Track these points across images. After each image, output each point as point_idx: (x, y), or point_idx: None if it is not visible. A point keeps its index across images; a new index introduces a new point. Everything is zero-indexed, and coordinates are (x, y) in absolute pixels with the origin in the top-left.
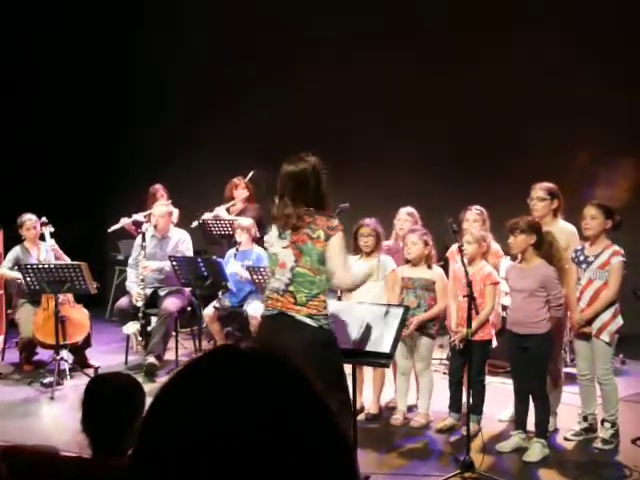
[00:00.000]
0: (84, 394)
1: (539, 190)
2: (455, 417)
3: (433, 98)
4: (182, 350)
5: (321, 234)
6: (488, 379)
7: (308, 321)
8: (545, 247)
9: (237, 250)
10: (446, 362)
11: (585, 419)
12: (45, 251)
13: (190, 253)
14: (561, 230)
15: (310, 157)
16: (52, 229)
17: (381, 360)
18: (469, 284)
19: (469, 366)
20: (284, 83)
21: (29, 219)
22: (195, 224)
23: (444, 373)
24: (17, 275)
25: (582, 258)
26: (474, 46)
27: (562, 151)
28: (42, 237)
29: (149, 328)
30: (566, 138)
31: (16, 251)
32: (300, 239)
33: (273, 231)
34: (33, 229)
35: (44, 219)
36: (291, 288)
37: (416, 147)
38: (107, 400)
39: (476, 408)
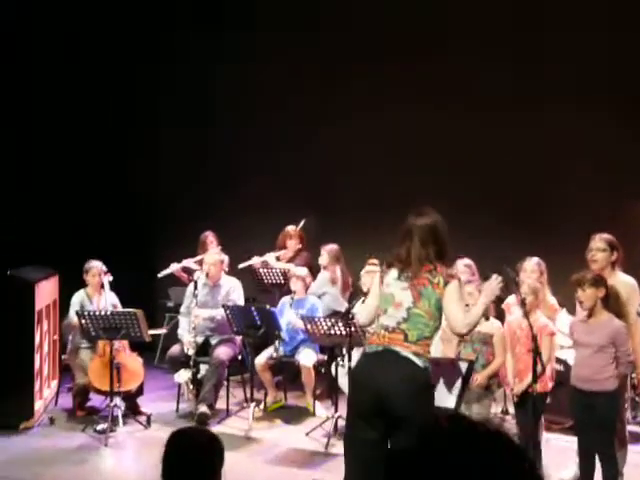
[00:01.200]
0: (165, 448)
1: (599, 241)
2: None
3: (489, 145)
4: (232, 399)
5: (440, 280)
6: (545, 436)
7: (415, 359)
8: (611, 302)
9: (292, 299)
10: (501, 416)
11: None
12: (105, 300)
13: (241, 301)
14: (621, 283)
15: (434, 212)
16: (111, 278)
17: None
18: (534, 338)
19: (528, 420)
20: (336, 130)
21: (96, 266)
22: (243, 265)
23: None
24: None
25: None
26: (504, 91)
27: (619, 202)
28: (102, 286)
29: (199, 376)
30: (622, 187)
31: (80, 296)
32: (420, 282)
33: (392, 273)
34: (98, 276)
35: (105, 268)
36: (403, 326)
37: (470, 196)
38: (189, 455)
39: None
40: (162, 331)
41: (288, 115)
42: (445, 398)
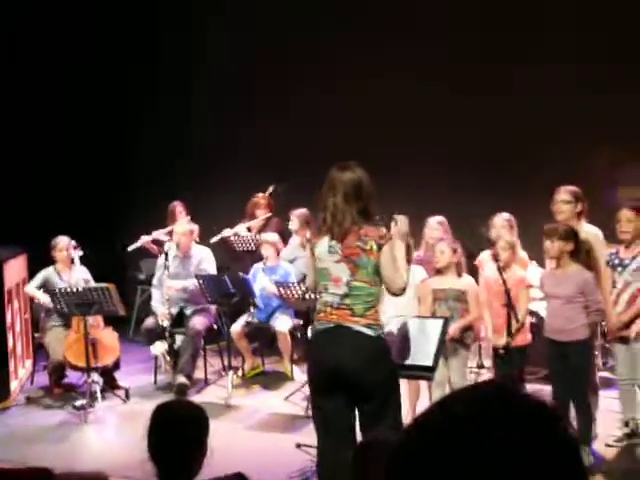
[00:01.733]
0: (151, 422)
1: (563, 193)
2: None
3: (460, 105)
4: (210, 368)
5: (373, 245)
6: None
7: (367, 331)
8: (582, 254)
9: (265, 265)
10: (476, 370)
11: (627, 424)
12: (75, 275)
13: (213, 270)
14: (586, 233)
15: (359, 167)
16: (81, 253)
17: (424, 373)
18: (507, 292)
19: (509, 374)
20: (307, 94)
21: (62, 241)
22: (215, 239)
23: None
24: (40, 296)
25: (617, 261)
26: (499, 51)
27: (584, 154)
28: (72, 260)
29: (176, 347)
30: (587, 141)
31: (48, 272)
32: (353, 253)
33: (321, 245)
34: (66, 251)
35: (74, 243)
36: (347, 301)
37: (444, 154)
38: (177, 427)
39: None
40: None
41: (253, 83)
42: (423, 356)
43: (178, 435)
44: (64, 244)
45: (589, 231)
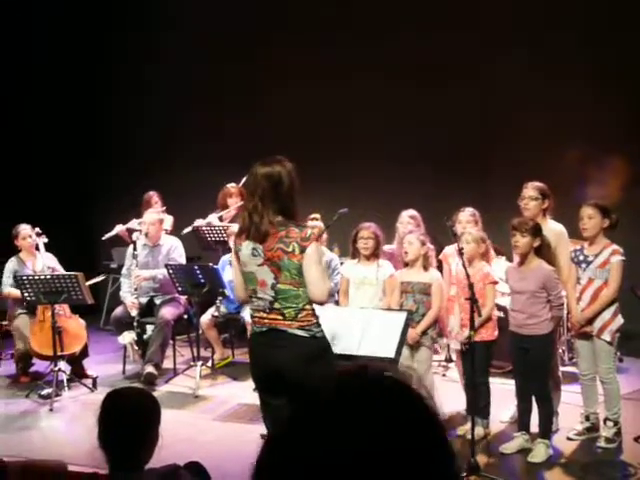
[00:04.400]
0: (101, 409)
1: (531, 189)
2: (479, 422)
3: (429, 100)
4: (180, 358)
5: (296, 247)
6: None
7: (301, 333)
8: (544, 249)
9: None
10: (444, 364)
11: (587, 418)
12: (41, 262)
13: (183, 260)
14: (550, 230)
15: (286, 161)
16: (46, 240)
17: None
18: (470, 286)
19: (472, 368)
20: (277, 86)
21: (24, 229)
22: (186, 231)
23: (443, 375)
24: (19, 293)
25: (582, 258)
26: (468, 49)
27: (552, 150)
28: (36, 247)
29: (145, 337)
30: (556, 137)
31: (12, 263)
32: (275, 255)
33: (245, 249)
34: (29, 238)
35: (37, 229)
36: (276, 305)
37: (412, 149)
38: (125, 415)
39: (482, 411)
40: (99, 279)
41: (223, 76)
42: (384, 349)
43: (126, 423)
44: (26, 232)
45: (554, 228)
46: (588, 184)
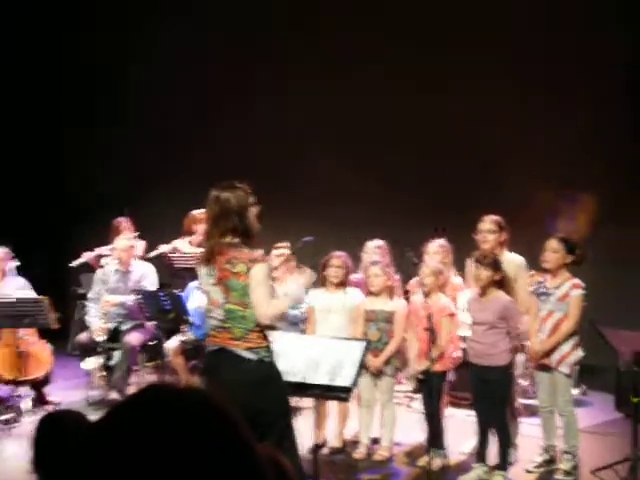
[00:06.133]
0: (35, 432)
1: (489, 223)
2: (436, 453)
3: (399, 127)
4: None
5: (242, 268)
6: (451, 411)
7: (248, 355)
8: (505, 281)
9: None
10: (410, 395)
11: (546, 451)
12: (8, 286)
13: (154, 287)
14: (509, 262)
15: (241, 185)
16: (17, 263)
17: (341, 394)
18: (429, 317)
19: (430, 398)
20: (243, 113)
21: (1, 251)
22: (153, 254)
23: (408, 406)
24: None
25: (543, 290)
26: (441, 73)
27: (527, 183)
28: (3, 272)
29: (111, 363)
30: (529, 171)
31: None
32: (224, 275)
33: (203, 269)
34: (2, 262)
35: (10, 253)
36: (227, 325)
37: (382, 178)
38: (58, 439)
39: (435, 441)
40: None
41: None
42: (341, 377)
43: (58, 447)
44: (1, 255)
45: (513, 259)
46: (558, 217)
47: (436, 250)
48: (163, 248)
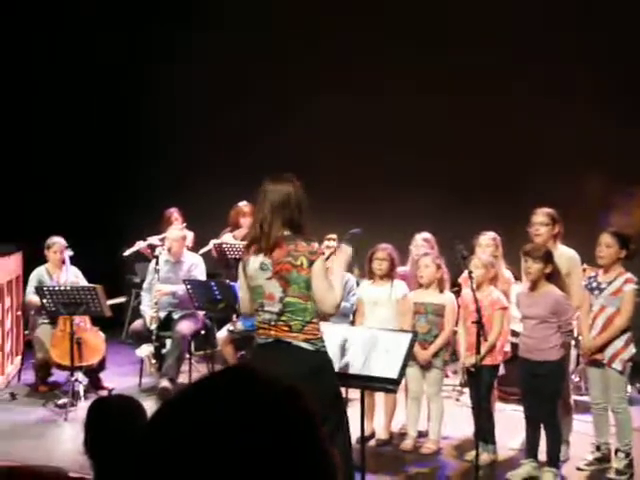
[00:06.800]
0: (87, 416)
1: (541, 215)
2: (485, 447)
3: (453, 124)
4: (196, 373)
5: (304, 261)
6: (500, 406)
7: (305, 346)
8: (556, 275)
9: None
10: (459, 388)
11: (598, 448)
12: (65, 275)
13: (203, 278)
14: (562, 255)
15: (294, 179)
16: (71, 253)
17: (389, 386)
18: (478, 310)
19: (478, 393)
20: (298, 108)
21: (58, 242)
22: (205, 250)
23: (457, 399)
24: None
25: (595, 285)
26: (487, 75)
27: (575, 177)
28: (62, 261)
29: (163, 351)
30: (579, 164)
31: (39, 273)
32: (283, 268)
33: (253, 263)
34: (60, 253)
35: (65, 242)
36: (284, 318)
37: (432, 172)
38: (109, 422)
39: (486, 436)
40: (121, 300)
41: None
42: (387, 369)
43: (111, 430)
44: (59, 246)
45: (566, 253)
46: (612, 212)
47: (488, 243)
48: (212, 243)
